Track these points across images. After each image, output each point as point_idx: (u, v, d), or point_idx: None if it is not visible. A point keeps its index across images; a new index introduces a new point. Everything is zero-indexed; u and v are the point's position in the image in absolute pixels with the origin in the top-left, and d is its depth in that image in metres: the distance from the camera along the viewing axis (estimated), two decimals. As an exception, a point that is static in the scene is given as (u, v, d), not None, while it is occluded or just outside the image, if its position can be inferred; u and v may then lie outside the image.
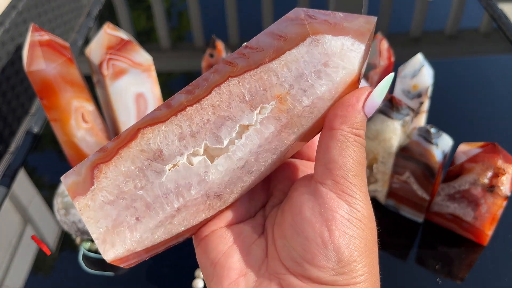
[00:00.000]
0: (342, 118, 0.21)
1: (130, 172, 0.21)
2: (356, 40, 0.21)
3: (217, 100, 0.21)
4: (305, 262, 0.21)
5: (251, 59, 0.21)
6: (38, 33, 0.48)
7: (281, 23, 0.22)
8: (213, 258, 0.23)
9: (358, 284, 0.21)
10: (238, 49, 0.22)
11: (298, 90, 0.21)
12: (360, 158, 0.22)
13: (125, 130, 0.22)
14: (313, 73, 0.21)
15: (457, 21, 0.90)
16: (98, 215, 0.21)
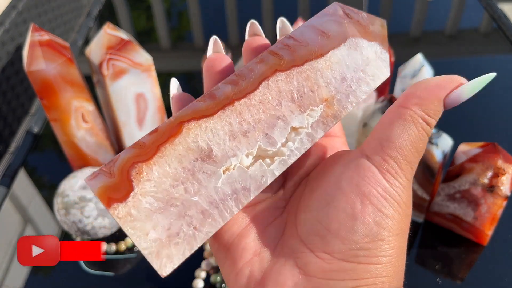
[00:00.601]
0: (418, 99, 0.20)
1: (178, 174, 0.18)
2: (383, 48, 0.22)
3: (267, 96, 0.20)
4: (329, 232, 0.19)
5: (297, 54, 0.21)
6: (38, 33, 0.48)
7: (321, 17, 0.21)
8: (226, 240, 0.21)
9: (379, 265, 0.19)
10: (281, 39, 0.21)
11: (342, 95, 0.21)
12: (419, 146, 0.20)
13: (163, 123, 0.19)
14: (354, 79, 0.21)
15: (457, 21, 0.90)
16: (146, 227, 0.18)
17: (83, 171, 0.50)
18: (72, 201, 0.47)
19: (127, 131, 0.56)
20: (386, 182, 0.20)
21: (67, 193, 0.47)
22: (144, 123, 0.56)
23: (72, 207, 0.47)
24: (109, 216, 0.48)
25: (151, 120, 0.56)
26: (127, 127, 0.55)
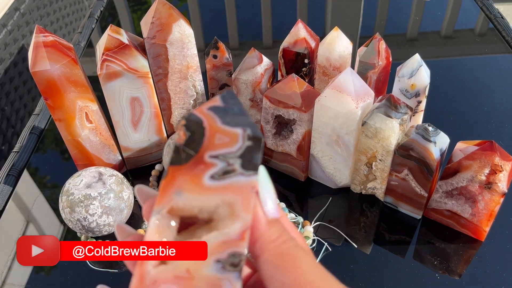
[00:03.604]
0: (256, 243, 0.21)
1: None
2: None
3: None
4: None
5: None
6: (43, 34, 0.48)
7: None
8: None
9: None
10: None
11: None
12: (305, 261, 0.20)
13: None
14: None
15: (453, 22, 0.91)
16: None
17: (87, 170, 0.51)
18: (77, 199, 0.48)
19: (121, 131, 0.57)
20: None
21: (72, 192, 0.48)
22: (139, 126, 0.57)
23: (77, 205, 0.48)
24: (113, 214, 0.49)
25: (146, 124, 0.57)
26: (121, 127, 0.56)
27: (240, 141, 0.22)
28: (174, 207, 0.21)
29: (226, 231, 0.21)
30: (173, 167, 0.22)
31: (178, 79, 0.57)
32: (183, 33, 0.53)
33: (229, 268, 0.20)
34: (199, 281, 0.20)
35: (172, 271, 0.20)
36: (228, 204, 0.21)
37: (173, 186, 0.21)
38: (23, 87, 0.77)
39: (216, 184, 0.21)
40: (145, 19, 0.54)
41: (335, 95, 0.48)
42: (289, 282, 0.20)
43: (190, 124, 0.22)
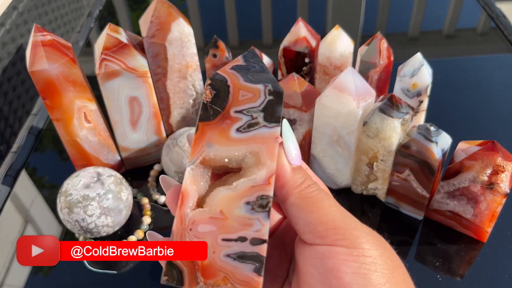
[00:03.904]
0: (283, 188, 0.23)
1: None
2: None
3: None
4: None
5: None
6: (41, 33, 0.48)
7: None
8: None
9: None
10: None
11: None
12: (327, 202, 0.22)
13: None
14: None
15: (455, 21, 0.91)
16: None
17: (86, 170, 0.50)
18: (75, 200, 0.47)
19: (119, 130, 0.56)
20: (341, 248, 0.21)
21: (70, 192, 0.48)
22: (138, 126, 0.56)
23: (75, 206, 0.47)
24: (112, 215, 0.49)
25: (145, 124, 0.56)
26: (120, 127, 0.56)
27: (262, 96, 0.24)
28: (205, 158, 0.24)
29: (253, 177, 0.23)
30: (203, 123, 0.24)
31: (178, 79, 0.56)
32: (183, 32, 0.53)
33: (258, 209, 0.23)
34: (232, 221, 0.22)
35: (208, 213, 0.23)
36: (253, 153, 0.23)
37: (203, 139, 0.24)
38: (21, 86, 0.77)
39: (242, 136, 0.23)
40: (144, 18, 0.54)
41: (336, 94, 0.48)
42: (313, 221, 0.22)
43: (215, 83, 0.24)
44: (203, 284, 0.23)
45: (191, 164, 0.24)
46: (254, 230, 0.22)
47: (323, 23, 0.92)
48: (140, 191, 0.57)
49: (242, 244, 0.22)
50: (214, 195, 0.23)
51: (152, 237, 0.25)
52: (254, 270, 0.22)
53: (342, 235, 0.21)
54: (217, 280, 0.22)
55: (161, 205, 0.56)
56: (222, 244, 0.23)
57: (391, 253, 0.22)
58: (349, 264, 0.21)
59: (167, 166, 0.56)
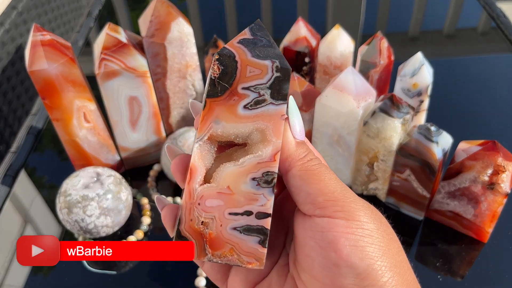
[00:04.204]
0: (286, 160, 0.24)
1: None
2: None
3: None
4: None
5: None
6: (40, 33, 0.48)
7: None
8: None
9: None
10: None
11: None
12: (328, 175, 0.23)
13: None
14: None
15: (456, 20, 0.90)
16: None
17: (85, 170, 0.50)
18: (75, 200, 0.47)
19: (119, 130, 0.56)
20: (341, 220, 0.22)
21: (70, 192, 0.48)
22: (138, 126, 0.56)
23: (74, 206, 0.47)
24: (111, 215, 0.48)
25: (145, 123, 0.56)
26: (119, 127, 0.55)
27: (270, 72, 0.24)
28: (213, 134, 0.24)
29: (259, 154, 0.24)
30: (210, 99, 0.24)
31: (177, 78, 0.56)
32: (182, 32, 0.53)
33: (263, 185, 0.23)
34: (238, 196, 0.23)
35: (216, 188, 0.24)
36: (260, 130, 0.24)
37: (211, 116, 0.24)
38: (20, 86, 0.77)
39: (249, 113, 0.24)
40: (144, 17, 0.54)
41: (336, 94, 0.48)
42: (313, 192, 0.23)
43: (223, 59, 0.24)
44: (211, 255, 0.24)
45: (199, 140, 0.24)
46: (259, 205, 0.23)
47: (323, 23, 0.91)
48: (140, 191, 0.57)
49: (248, 218, 0.23)
50: (221, 170, 0.24)
51: (160, 202, 0.26)
52: (259, 242, 0.23)
53: (340, 206, 0.22)
54: (224, 252, 0.24)
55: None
56: (229, 218, 0.24)
57: (386, 226, 0.23)
58: (348, 237, 0.21)
59: (167, 166, 0.56)
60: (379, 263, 0.21)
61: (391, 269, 0.22)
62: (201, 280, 0.47)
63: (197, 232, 0.24)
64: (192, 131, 0.56)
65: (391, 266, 0.22)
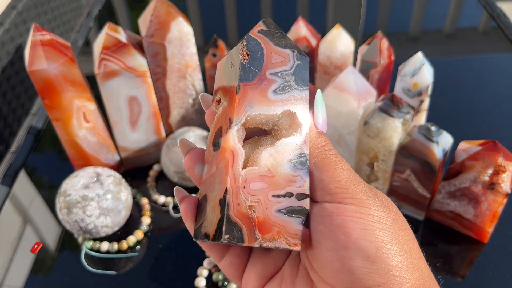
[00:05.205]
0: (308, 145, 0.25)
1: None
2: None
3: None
4: (340, 272, 0.22)
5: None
6: (40, 33, 0.48)
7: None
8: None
9: (393, 271, 0.21)
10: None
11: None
12: (342, 165, 0.24)
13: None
14: None
15: (456, 20, 0.90)
16: None
17: (85, 170, 0.50)
18: (74, 200, 0.47)
19: (119, 130, 0.56)
20: (350, 205, 0.22)
21: (69, 192, 0.48)
22: (137, 126, 0.56)
23: (74, 206, 0.47)
24: (111, 215, 0.48)
25: (145, 123, 0.56)
26: (119, 127, 0.55)
27: (292, 60, 0.25)
28: (248, 119, 0.25)
29: (293, 137, 0.25)
30: (244, 83, 0.24)
31: (177, 78, 0.56)
32: (182, 32, 0.52)
33: (299, 166, 0.24)
34: (279, 178, 0.24)
35: (258, 171, 0.24)
36: (289, 114, 0.25)
37: (245, 100, 0.24)
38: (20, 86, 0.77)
39: (279, 98, 0.25)
40: (144, 17, 0.54)
41: (337, 94, 0.48)
42: (326, 179, 0.23)
43: (250, 45, 0.25)
44: (261, 239, 0.24)
45: (237, 123, 0.24)
46: (298, 186, 0.24)
47: (323, 22, 0.91)
48: (140, 191, 0.57)
49: (289, 200, 0.24)
50: (259, 154, 0.24)
51: (179, 193, 0.27)
52: (302, 223, 0.24)
53: (351, 194, 0.23)
54: (273, 235, 0.24)
55: (160, 205, 0.55)
56: (273, 200, 0.24)
57: (397, 215, 0.23)
58: (357, 221, 0.22)
59: (167, 166, 0.55)
60: (389, 246, 0.21)
61: (401, 254, 0.22)
62: (201, 280, 0.47)
63: (246, 216, 0.24)
64: (192, 131, 0.56)
65: (401, 251, 0.22)
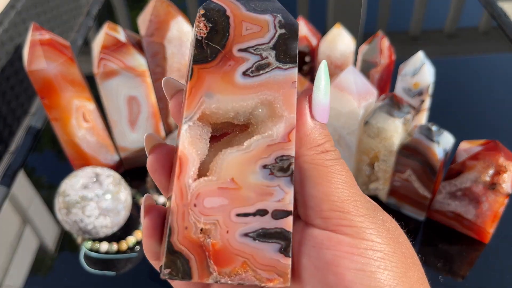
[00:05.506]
0: (297, 142, 0.18)
1: None
2: None
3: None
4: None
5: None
6: (39, 32, 0.47)
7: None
8: None
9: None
10: None
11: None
12: (341, 177, 0.18)
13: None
14: None
15: (457, 20, 0.90)
16: None
17: (84, 170, 0.50)
18: (74, 200, 0.47)
19: (118, 130, 0.56)
20: (346, 237, 0.17)
21: (68, 193, 0.47)
22: (137, 126, 0.56)
23: (73, 207, 0.47)
24: (110, 215, 0.48)
25: (144, 123, 0.56)
26: (118, 126, 0.55)
27: (272, 29, 0.19)
28: (205, 112, 0.19)
29: (269, 134, 0.19)
30: (198, 66, 0.19)
31: (177, 78, 0.56)
32: (182, 31, 0.52)
33: (278, 173, 0.18)
34: (247, 190, 0.18)
35: (216, 182, 0.19)
36: (266, 103, 0.19)
37: (201, 88, 0.19)
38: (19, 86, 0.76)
39: (250, 82, 0.19)
40: (143, 16, 0.53)
41: (337, 94, 0.47)
42: (318, 196, 0.18)
43: (210, 14, 0.19)
44: (217, 274, 0.18)
45: (188, 120, 0.19)
46: (275, 200, 0.18)
47: (323, 22, 0.91)
48: (139, 192, 0.57)
49: (262, 219, 0.18)
50: (221, 159, 0.19)
51: (148, 200, 0.21)
52: (279, 251, 0.18)
53: (349, 221, 0.18)
54: (235, 268, 0.18)
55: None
56: (237, 221, 0.18)
57: (406, 248, 0.19)
58: (353, 259, 0.17)
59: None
60: (390, 281, 0.17)
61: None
62: (201, 281, 0.47)
63: (196, 244, 0.18)
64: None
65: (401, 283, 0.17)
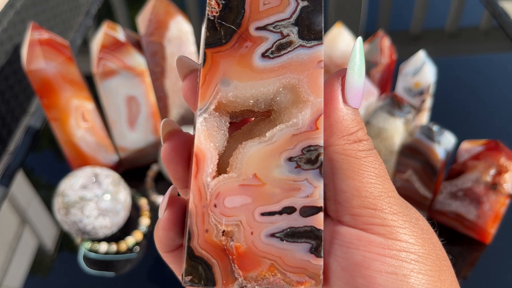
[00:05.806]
0: (327, 130, 0.17)
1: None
2: None
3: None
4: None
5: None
6: (38, 32, 0.47)
7: None
8: None
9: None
10: None
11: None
12: (374, 171, 0.17)
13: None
14: None
15: (458, 19, 0.90)
16: None
17: (83, 170, 0.50)
18: (73, 200, 0.47)
19: (117, 130, 0.55)
20: (378, 236, 0.16)
21: (67, 193, 0.47)
22: (136, 125, 0.56)
23: (72, 207, 0.46)
24: (109, 216, 0.48)
25: (143, 123, 0.56)
26: (117, 126, 0.55)
27: (293, 2, 0.17)
28: (222, 102, 0.17)
29: (294, 122, 0.17)
30: (212, 50, 0.17)
31: (176, 78, 0.56)
32: (181, 30, 0.52)
33: (306, 166, 0.17)
34: (271, 186, 0.17)
35: (237, 179, 0.17)
36: (290, 87, 0.17)
37: (216, 74, 0.17)
38: (18, 85, 0.76)
39: (271, 64, 0.17)
40: (142, 16, 0.53)
41: (337, 94, 0.47)
42: (348, 191, 0.16)
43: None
44: (243, 279, 0.17)
45: (203, 112, 0.17)
46: (303, 196, 0.17)
47: (324, 21, 0.91)
48: (138, 192, 0.56)
49: (289, 217, 0.17)
50: (241, 153, 0.17)
51: (173, 191, 0.20)
52: (310, 251, 0.17)
53: (381, 219, 0.16)
54: (262, 271, 0.17)
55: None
56: (262, 221, 0.17)
57: (440, 249, 0.17)
58: (385, 261, 0.16)
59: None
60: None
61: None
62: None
63: (218, 248, 0.17)
64: (191, 131, 0.55)
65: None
